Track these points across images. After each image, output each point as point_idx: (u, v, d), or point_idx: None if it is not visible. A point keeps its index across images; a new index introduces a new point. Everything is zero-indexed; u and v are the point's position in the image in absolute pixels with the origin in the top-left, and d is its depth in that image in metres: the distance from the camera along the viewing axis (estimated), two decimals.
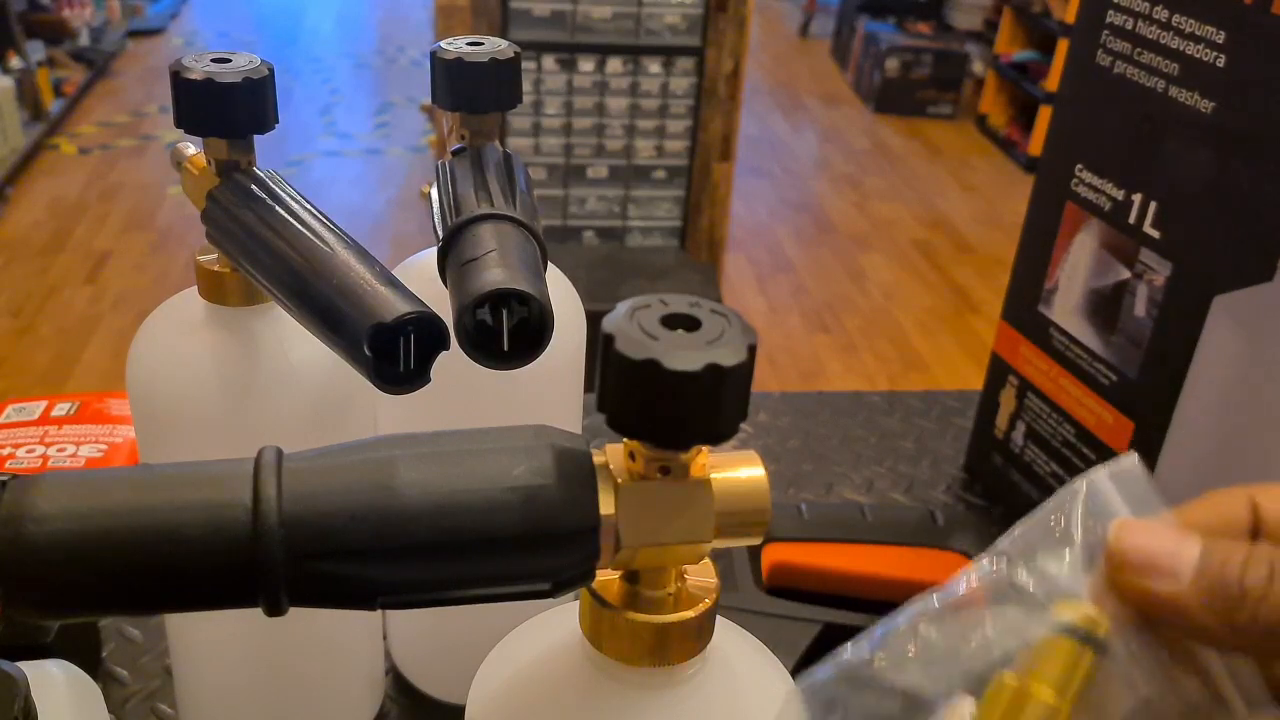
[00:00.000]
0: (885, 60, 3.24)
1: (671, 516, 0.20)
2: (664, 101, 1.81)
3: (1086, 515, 0.19)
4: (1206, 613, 0.18)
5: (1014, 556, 0.20)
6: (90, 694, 0.29)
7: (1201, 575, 0.18)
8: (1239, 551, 0.18)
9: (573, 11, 1.72)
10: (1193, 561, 0.18)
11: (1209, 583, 0.18)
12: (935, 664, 0.19)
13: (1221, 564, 0.18)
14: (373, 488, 0.18)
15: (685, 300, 0.19)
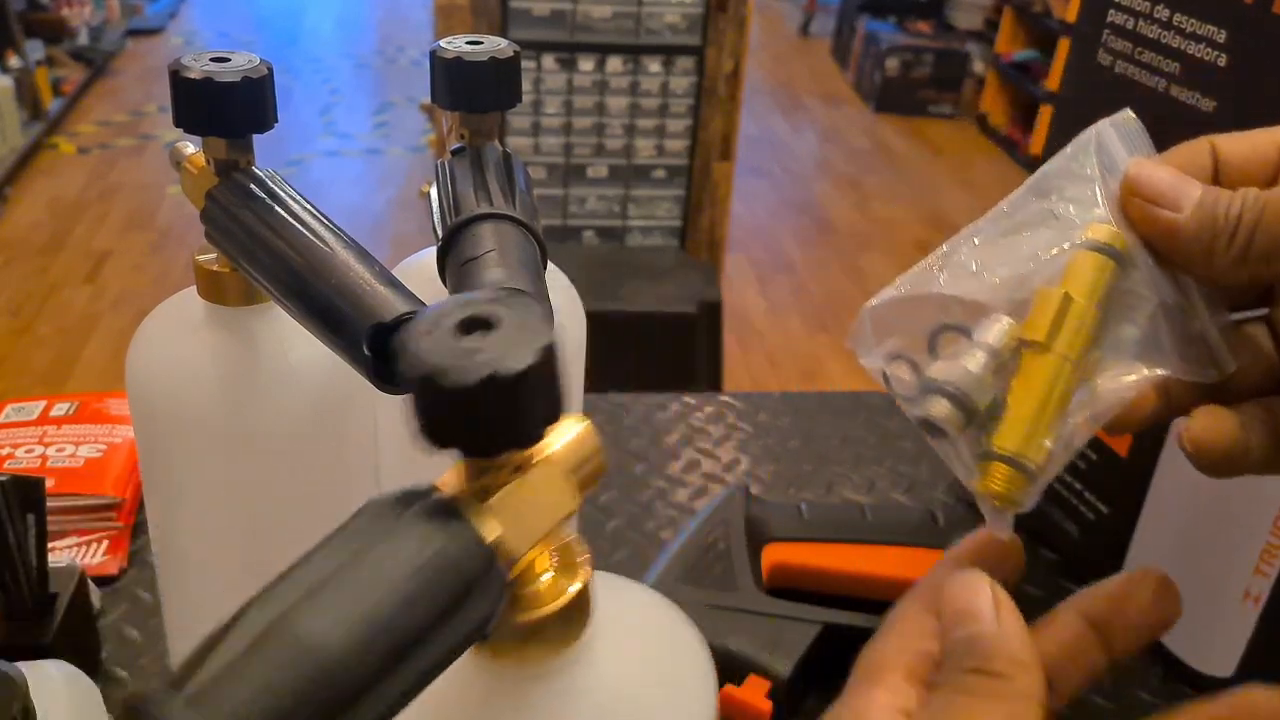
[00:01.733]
0: (886, 60, 3.24)
1: (541, 507, 0.20)
2: (664, 101, 1.81)
3: (1100, 156, 0.23)
4: (1196, 241, 0.21)
5: (1043, 191, 0.23)
6: (89, 695, 0.29)
7: (1199, 208, 0.21)
8: (1225, 193, 0.22)
9: (572, 11, 1.72)
10: (1193, 197, 0.22)
11: (1204, 214, 0.21)
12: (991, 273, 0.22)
13: (1214, 201, 0.22)
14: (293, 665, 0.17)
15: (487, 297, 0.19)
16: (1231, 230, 0.21)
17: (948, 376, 0.21)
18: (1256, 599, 0.41)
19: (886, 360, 0.22)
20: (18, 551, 0.38)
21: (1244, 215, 0.21)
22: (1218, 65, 0.39)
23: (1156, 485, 0.46)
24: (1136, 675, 0.46)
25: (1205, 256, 0.21)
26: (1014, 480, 0.21)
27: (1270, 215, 0.21)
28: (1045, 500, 0.57)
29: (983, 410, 0.21)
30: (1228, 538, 0.42)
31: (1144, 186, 0.22)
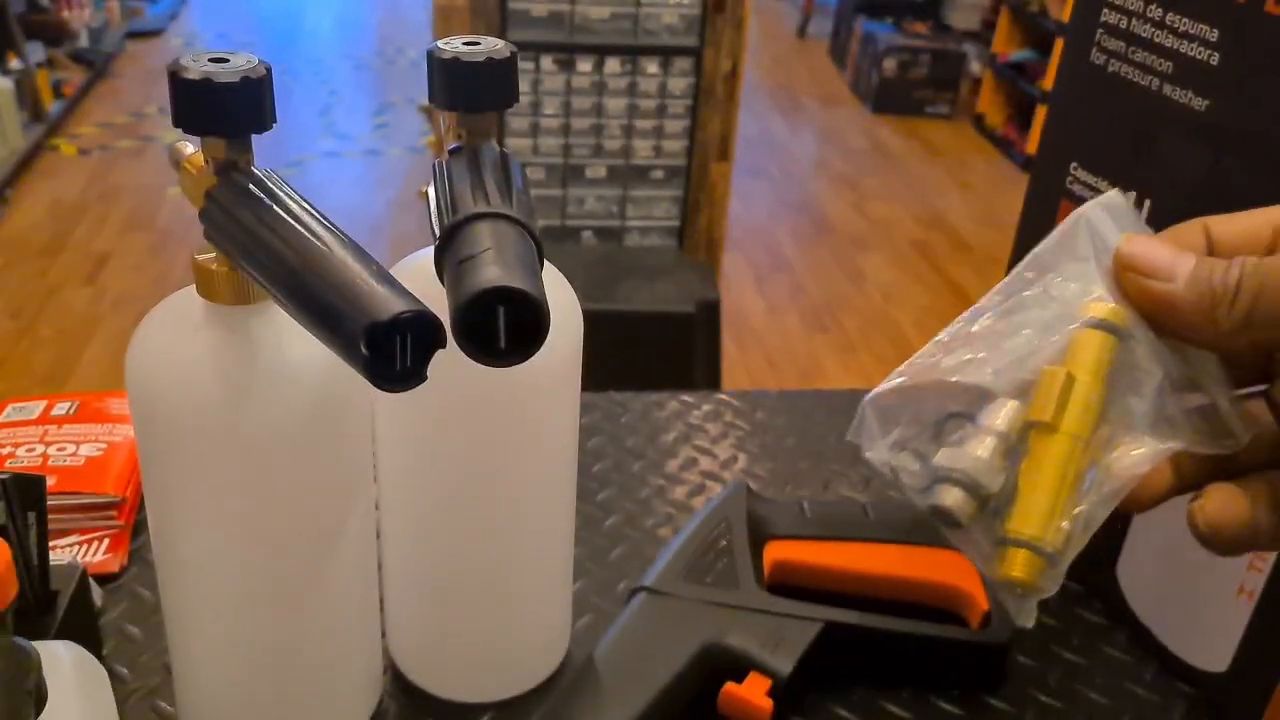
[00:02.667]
0: (883, 60, 3.24)
1: None
2: (662, 102, 1.81)
3: (1092, 236, 0.23)
4: (1195, 310, 0.22)
5: (1039, 271, 0.23)
6: (96, 675, 0.30)
7: (1194, 278, 0.22)
8: (1224, 261, 0.22)
9: (571, 12, 1.73)
10: (1187, 269, 0.22)
11: (1199, 284, 0.22)
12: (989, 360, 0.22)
13: (1210, 270, 0.22)
14: None
15: None
16: (1231, 296, 0.21)
17: (956, 464, 0.21)
18: (1250, 594, 0.41)
19: (892, 452, 0.22)
20: (19, 549, 0.38)
21: (1244, 281, 0.21)
22: (1210, 64, 0.40)
23: None
24: (1130, 670, 0.46)
25: (1206, 325, 0.22)
26: (1033, 564, 0.21)
27: (1274, 280, 0.21)
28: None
29: (994, 496, 0.21)
30: None
31: (1138, 260, 0.22)
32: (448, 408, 0.35)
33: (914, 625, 0.43)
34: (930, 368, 0.22)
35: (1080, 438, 0.21)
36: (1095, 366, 0.22)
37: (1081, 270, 0.23)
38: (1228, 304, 0.21)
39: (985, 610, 0.44)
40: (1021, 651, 0.46)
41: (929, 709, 0.43)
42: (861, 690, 0.44)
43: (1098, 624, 0.48)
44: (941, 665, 0.44)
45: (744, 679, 0.40)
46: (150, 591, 0.47)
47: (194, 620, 0.36)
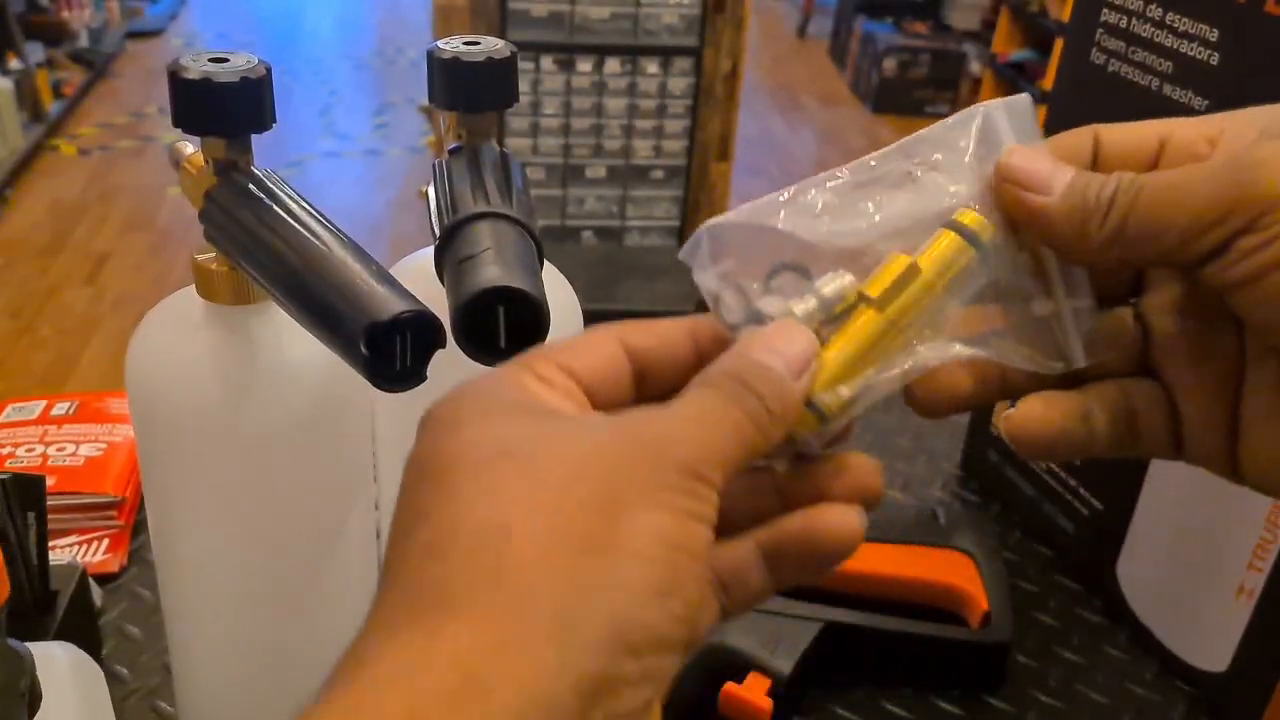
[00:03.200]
0: (883, 60, 3.24)
1: None
2: (662, 102, 1.81)
3: (981, 137, 0.23)
4: (1066, 223, 0.21)
5: (910, 153, 0.23)
6: (93, 676, 0.30)
7: (1070, 191, 0.22)
8: (1098, 177, 0.22)
9: (571, 12, 1.72)
10: (1065, 181, 0.22)
11: (1072, 198, 0.21)
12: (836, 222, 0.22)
13: (1085, 184, 0.22)
14: None
15: None
16: (1104, 212, 0.21)
17: (773, 312, 0.21)
18: (1250, 594, 0.41)
19: (719, 281, 0.21)
20: (19, 549, 0.38)
21: (1118, 197, 0.21)
22: (1210, 64, 0.40)
23: (1151, 481, 0.46)
24: (1130, 670, 0.46)
25: (1076, 239, 0.21)
26: (804, 420, 0.21)
27: (1146, 197, 0.21)
28: (1040, 496, 0.57)
29: None
30: (1221, 533, 0.43)
31: (1016, 172, 0.22)
32: None
33: (914, 625, 0.43)
34: (773, 213, 0.22)
35: (898, 325, 0.21)
36: (943, 269, 0.21)
37: (956, 161, 0.22)
38: (1099, 219, 0.21)
39: (985, 610, 0.44)
40: (1022, 651, 0.46)
41: (929, 709, 0.43)
42: (861, 690, 0.44)
43: (1098, 624, 0.48)
44: (941, 665, 0.44)
45: (744, 679, 0.40)
46: (150, 591, 0.47)
47: (194, 620, 0.36)
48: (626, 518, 0.17)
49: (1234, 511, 0.42)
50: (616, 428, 0.19)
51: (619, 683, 0.17)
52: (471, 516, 0.17)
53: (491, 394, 0.19)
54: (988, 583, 0.44)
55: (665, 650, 0.17)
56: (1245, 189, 0.19)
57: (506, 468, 0.18)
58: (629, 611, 0.17)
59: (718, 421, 0.19)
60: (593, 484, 0.18)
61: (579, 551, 0.17)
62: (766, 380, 0.20)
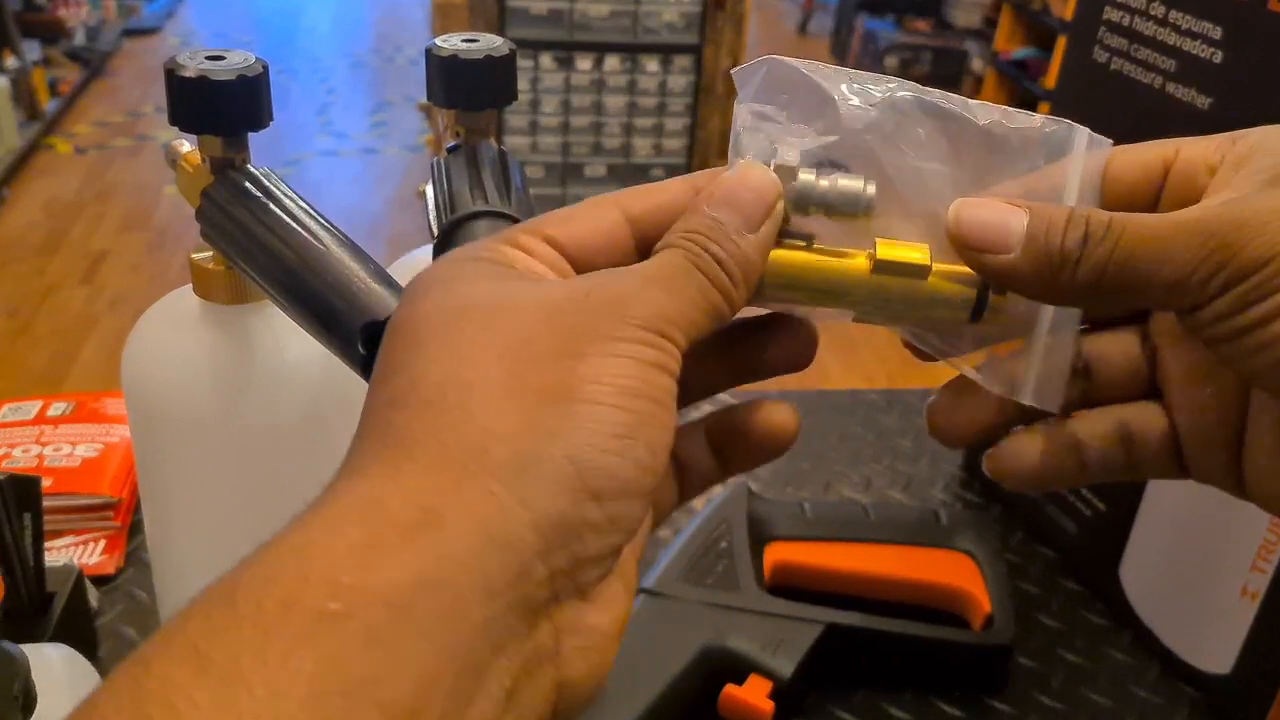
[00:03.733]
0: (884, 58, 3.24)
1: None
2: (662, 99, 1.81)
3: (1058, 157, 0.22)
4: (1035, 279, 0.20)
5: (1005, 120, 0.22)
6: (88, 677, 0.29)
7: (1029, 244, 0.20)
8: (1059, 217, 0.20)
9: (570, 10, 1.72)
10: (1020, 231, 0.20)
11: (1034, 251, 0.20)
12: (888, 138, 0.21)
13: (1045, 231, 0.20)
14: None
15: None
16: (1074, 260, 0.20)
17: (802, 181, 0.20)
18: (1254, 595, 0.41)
19: (752, 119, 0.21)
20: (15, 551, 0.38)
21: (1091, 247, 0.19)
22: (1213, 62, 0.39)
23: (1153, 483, 0.46)
24: (1134, 672, 0.46)
25: (1047, 292, 0.20)
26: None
27: (1125, 249, 0.19)
28: (1043, 497, 0.56)
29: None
30: (1225, 534, 0.42)
31: (969, 235, 0.20)
32: None
33: (915, 627, 0.43)
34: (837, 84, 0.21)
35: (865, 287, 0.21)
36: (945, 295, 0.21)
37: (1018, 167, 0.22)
38: (1070, 269, 0.20)
39: (987, 612, 0.43)
40: (1024, 653, 0.46)
41: (931, 711, 0.43)
42: (863, 692, 0.44)
43: (1101, 626, 0.48)
44: (943, 667, 0.44)
45: (744, 681, 0.39)
46: (147, 593, 0.46)
47: None
48: (584, 365, 0.17)
49: (1237, 513, 0.42)
50: (575, 286, 0.19)
51: (582, 526, 0.17)
52: (434, 369, 0.18)
53: (465, 261, 0.20)
54: (990, 584, 0.44)
55: (630, 496, 0.17)
56: (1230, 250, 0.19)
57: (467, 326, 0.18)
58: (589, 455, 0.17)
59: (681, 286, 0.19)
60: (551, 337, 0.18)
61: (538, 399, 0.17)
62: (723, 238, 0.20)
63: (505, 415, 0.17)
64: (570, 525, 0.17)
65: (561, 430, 0.17)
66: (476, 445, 0.17)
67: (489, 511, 0.16)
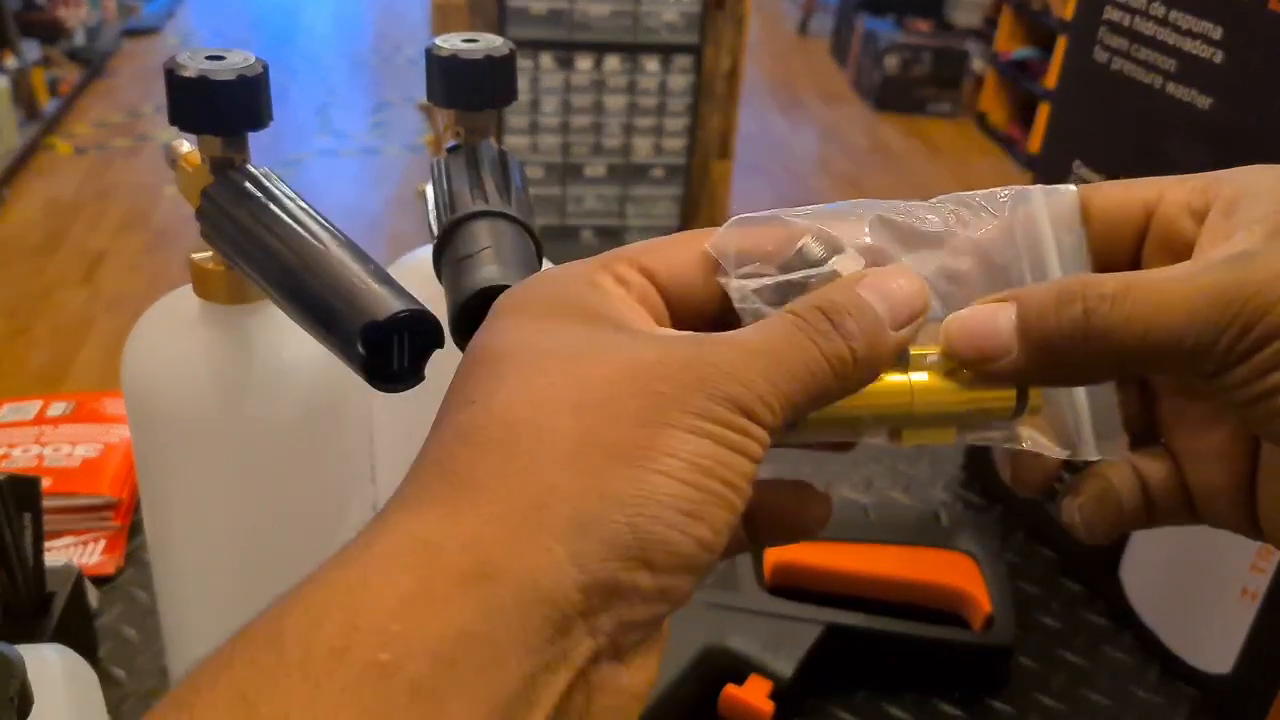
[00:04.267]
0: (885, 58, 3.24)
1: None
2: (662, 100, 1.81)
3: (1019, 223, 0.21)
4: (1042, 370, 0.19)
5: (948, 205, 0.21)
6: (87, 679, 0.29)
7: (1024, 339, 0.19)
8: (1048, 299, 0.19)
9: (570, 9, 1.72)
10: (1010, 328, 0.19)
11: (1033, 344, 0.19)
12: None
13: (1037, 319, 0.19)
14: None
15: None
16: (1080, 337, 0.18)
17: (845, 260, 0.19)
18: (1254, 596, 0.41)
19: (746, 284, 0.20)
20: (14, 551, 0.38)
21: (1100, 318, 0.18)
22: (1214, 62, 0.39)
23: None
24: (1134, 672, 0.46)
25: (1065, 377, 0.20)
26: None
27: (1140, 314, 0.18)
28: (1043, 499, 0.56)
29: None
30: (1225, 535, 0.42)
31: (964, 351, 0.19)
32: None
33: (916, 627, 0.43)
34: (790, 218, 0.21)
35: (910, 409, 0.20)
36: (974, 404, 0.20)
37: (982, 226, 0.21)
38: (1079, 347, 0.18)
39: (988, 612, 0.43)
40: (1024, 654, 0.46)
41: (931, 712, 0.43)
42: (863, 693, 0.44)
43: (1101, 626, 0.48)
44: (943, 668, 0.44)
45: (745, 681, 0.39)
46: (146, 593, 0.46)
47: (190, 621, 0.36)
48: (663, 435, 0.17)
49: None
50: (672, 349, 0.18)
51: (632, 594, 0.17)
52: (508, 409, 0.17)
53: (561, 290, 0.19)
54: (990, 585, 0.44)
55: (684, 571, 0.17)
56: (1254, 317, 0.18)
57: (551, 369, 0.18)
58: (651, 527, 0.16)
59: (788, 359, 0.18)
60: (636, 398, 0.17)
61: (609, 460, 0.17)
62: (861, 318, 0.18)
63: (574, 471, 0.17)
64: (620, 590, 0.16)
65: (628, 497, 0.16)
66: (539, 499, 0.16)
67: (540, 566, 0.16)
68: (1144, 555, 0.47)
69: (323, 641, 0.15)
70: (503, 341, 0.18)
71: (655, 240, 0.21)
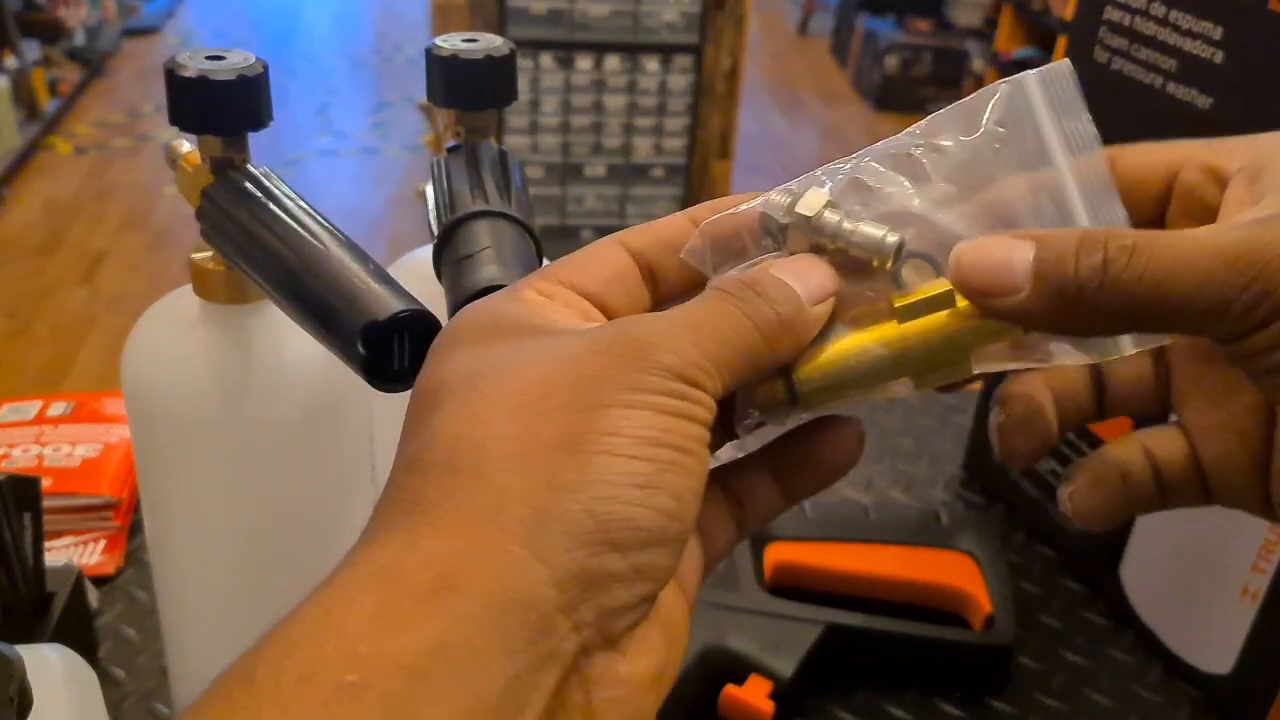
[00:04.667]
0: (885, 58, 3.24)
1: None
2: (662, 99, 1.81)
3: (1006, 114, 0.20)
4: (1050, 315, 0.19)
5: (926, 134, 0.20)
6: (86, 679, 0.29)
7: (1038, 280, 0.18)
8: (1069, 243, 0.18)
9: (570, 9, 1.72)
10: (1026, 266, 0.18)
11: (1045, 286, 0.18)
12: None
13: (1056, 263, 0.18)
14: None
15: None
16: (1094, 287, 0.18)
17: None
18: (1254, 595, 0.41)
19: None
20: (14, 551, 0.38)
21: (1116, 271, 0.18)
22: (1214, 62, 0.39)
23: None
24: (1135, 672, 0.46)
25: (1070, 326, 0.19)
26: (776, 397, 0.20)
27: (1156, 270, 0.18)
28: (1043, 497, 0.57)
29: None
30: (1225, 534, 0.42)
31: (970, 279, 0.19)
32: None
33: (916, 627, 0.43)
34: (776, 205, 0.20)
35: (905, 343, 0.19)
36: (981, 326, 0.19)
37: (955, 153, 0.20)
38: (1091, 298, 0.18)
39: (988, 612, 0.43)
40: (1025, 653, 0.46)
41: (931, 712, 0.43)
42: (863, 693, 0.44)
43: (1102, 626, 0.48)
44: (944, 667, 0.44)
45: (745, 681, 0.39)
46: (146, 593, 0.46)
47: (190, 621, 0.36)
48: (602, 417, 0.17)
49: (1237, 513, 0.42)
50: (597, 335, 0.18)
51: (606, 578, 0.16)
52: (448, 431, 0.18)
53: (485, 314, 0.20)
54: (991, 585, 0.44)
55: (655, 545, 0.17)
56: (1273, 282, 0.17)
57: (483, 384, 0.18)
58: (608, 507, 0.16)
59: (715, 326, 0.18)
60: (569, 390, 0.17)
61: (554, 454, 0.17)
62: (783, 292, 0.19)
63: (520, 473, 0.17)
64: (592, 577, 0.16)
65: (578, 484, 0.16)
66: (493, 505, 0.16)
67: (506, 570, 0.16)
68: (1145, 554, 0.47)
69: (291, 670, 0.15)
70: (437, 374, 0.19)
71: (571, 254, 0.21)
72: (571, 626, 0.16)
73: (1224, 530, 0.43)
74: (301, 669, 0.15)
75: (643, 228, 0.21)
